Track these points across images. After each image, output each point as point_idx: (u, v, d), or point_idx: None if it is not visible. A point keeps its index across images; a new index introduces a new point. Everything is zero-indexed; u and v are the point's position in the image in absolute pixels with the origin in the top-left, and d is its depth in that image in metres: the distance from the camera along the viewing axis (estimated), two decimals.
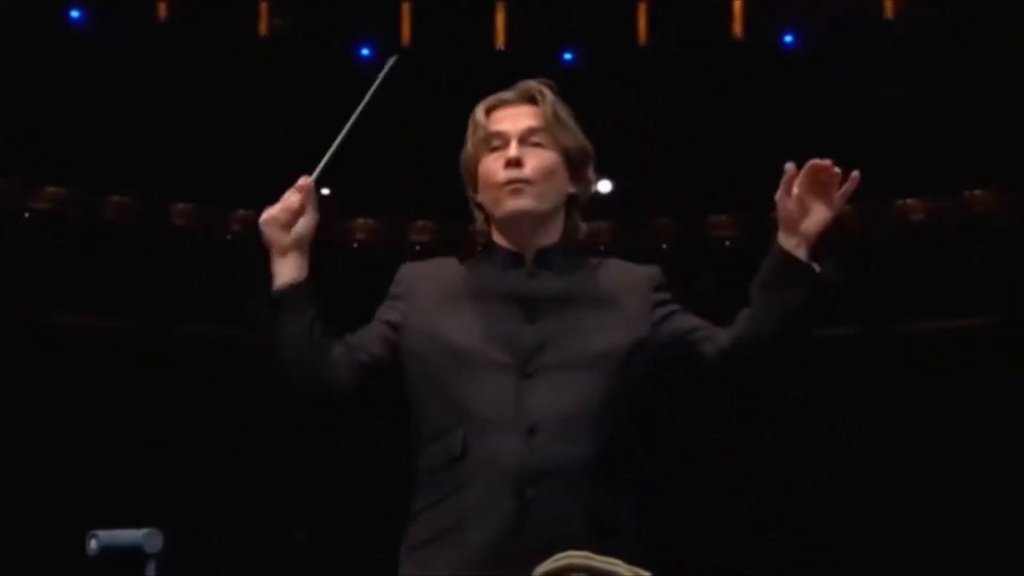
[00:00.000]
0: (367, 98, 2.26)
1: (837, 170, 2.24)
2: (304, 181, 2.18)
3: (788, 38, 13.61)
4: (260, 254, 2.24)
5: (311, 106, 13.59)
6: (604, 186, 14.79)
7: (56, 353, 13.35)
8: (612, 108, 13.71)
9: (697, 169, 13.97)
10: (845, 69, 13.27)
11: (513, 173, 2.22)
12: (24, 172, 13.92)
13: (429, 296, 2.24)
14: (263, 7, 13.83)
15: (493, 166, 2.24)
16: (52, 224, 14.13)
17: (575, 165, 2.33)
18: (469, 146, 2.29)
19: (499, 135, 2.26)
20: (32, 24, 12.90)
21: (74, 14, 13.24)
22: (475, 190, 2.31)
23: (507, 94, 2.33)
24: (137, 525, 1.83)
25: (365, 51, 13.70)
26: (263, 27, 13.85)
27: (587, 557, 1.87)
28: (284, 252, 2.19)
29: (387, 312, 2.27)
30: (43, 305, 13.51)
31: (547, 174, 2.25)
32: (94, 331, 13.69)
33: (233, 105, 13.36)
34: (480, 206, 2.31)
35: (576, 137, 2.34)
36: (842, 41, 13.37)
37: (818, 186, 2.23)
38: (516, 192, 2.22)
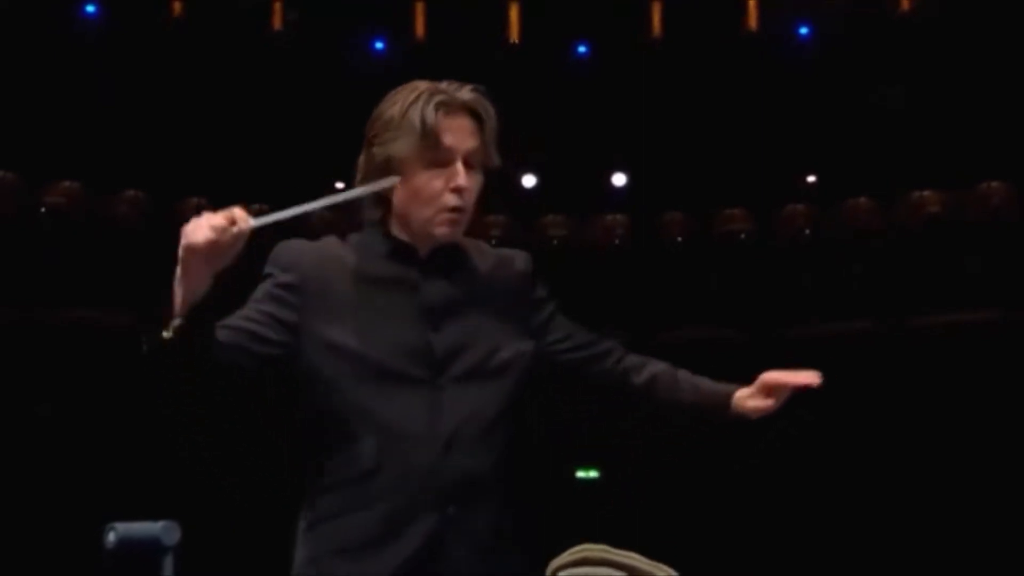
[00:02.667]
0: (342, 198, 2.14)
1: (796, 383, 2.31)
2: (247, 225, 1.96)
3: (803, 31, 13.56)
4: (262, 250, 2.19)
5: (325, 101, 13.61)
6: (618, 180, 14.77)
7: (68, 348, 13.40)
8: (625, 102, 13.70)
9: (710, 163, 13.94)
10: (860, 62, 13.23)
11: (459, 202, 2.19)
12: (37, 167, 13.97)
13: (323, 293, 2.17)
14: (277, 2, 13.84)
15: (436, 184, 2.17)
16: (65, 219, 14.18)
17: (487, 177, 2.29)
18: (403, 142, 2.16)
19: (447, 150, 2.17)
20: (47, 20, 12.94)
21: (89, 8, 13.27)
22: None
23: (455, 97, 2.19)
24: (154, 518, 1.83)
25: (379, 45, 13.70)
26: (277, 22, 13.86)
27: (604, 550, 1.88)
28: (204, 280, 2.00)
29: (277, 306, 2.17)
30: (55, 300, 13.55)
31: (476, 199, 2.24)
32: (106, 326, 13.73)
33: (246, 100, 13.38)
34: (379, 196, 2.22)
35: (497, 155, 2.25)
36: (857, 34, 13.32)
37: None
38: (453, 223, 2.20)
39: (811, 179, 14.79)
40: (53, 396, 12.96)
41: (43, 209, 14.24)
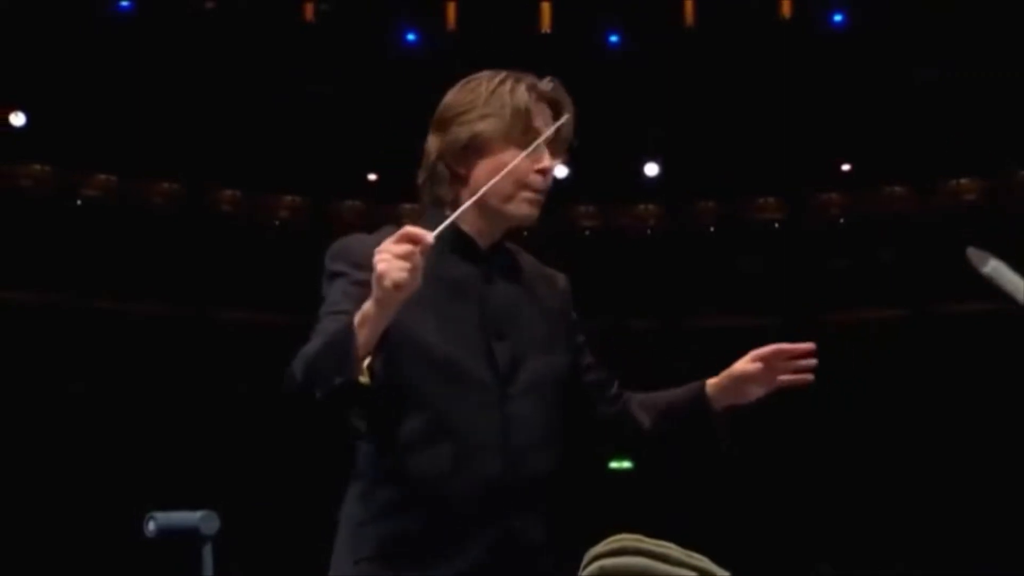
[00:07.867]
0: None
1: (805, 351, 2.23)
2: (430, 239, 1.89)
3: (837, 18, 13.47)
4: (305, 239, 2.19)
5: (357, 92, 13.64)
6: (651, 169, 14.72)
7: (106, 338, 13.51)
8: (658, 91, 13.65)
9: (743, 151, 13.89)
10: (894, 49, 13.12)
11: (544, 184, 2.20)
12: (74, 160, 14.08)
13: None
14: None
15: (525, 165, 2.16)
16: (103, 211, 14.29)
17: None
18: (492, 121, 2.16)
19: (535, 132, 2.18)
20: (81, 13, 13.03)
21: (124, 3, 13.35)
22: (458, 161, 2.18)
23: (541, 85, 2.22)
24: (193, 507, 1.84)
25: (411, 36, 13.71)
26: (309, 13, 13.89)
27: (639, 540, 1.88)
28: (390, 310, 1.92)
29: (360, 306, 2.00)
30: (93, 290, 13.67)
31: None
32: (143, 316, 13.83)
33: (280, 93, 13.43)
34: (456, 175, 2.19)
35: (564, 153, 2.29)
36: (892, 21, 13.22)
37: (776, 362, 2.26)
38: (536, 204, 2.20)
39: (845, 167, 14.70)
40: (85, 380, 13.08)
41: (79, 201, 14.36)
